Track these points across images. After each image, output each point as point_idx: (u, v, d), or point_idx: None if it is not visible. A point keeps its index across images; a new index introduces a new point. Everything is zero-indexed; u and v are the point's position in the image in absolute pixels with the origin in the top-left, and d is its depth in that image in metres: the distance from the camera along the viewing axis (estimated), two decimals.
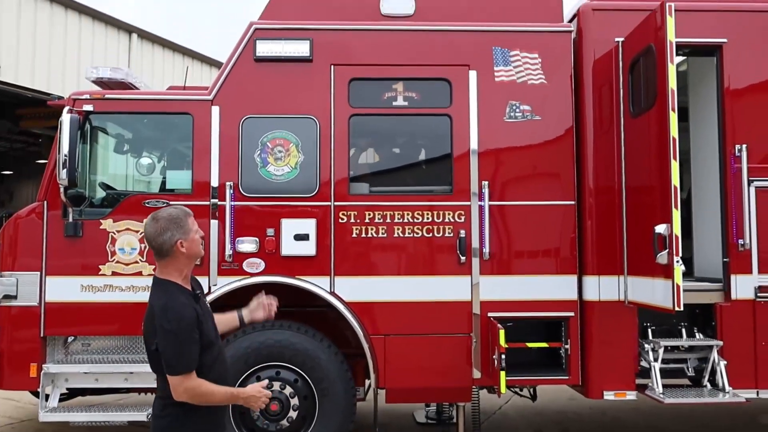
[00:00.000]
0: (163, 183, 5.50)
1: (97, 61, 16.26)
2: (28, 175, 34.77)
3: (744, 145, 5.21)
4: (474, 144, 5.25)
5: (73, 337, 5.32)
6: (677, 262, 4.37)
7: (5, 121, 21.07)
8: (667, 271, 4.44)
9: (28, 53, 14.53)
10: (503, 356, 4.64)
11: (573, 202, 5.28)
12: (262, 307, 3.46)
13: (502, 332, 4.68)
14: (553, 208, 5.28)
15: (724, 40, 5.31)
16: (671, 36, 4.45)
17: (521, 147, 5.31)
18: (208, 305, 3.20)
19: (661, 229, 4.48)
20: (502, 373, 4.61)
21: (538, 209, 5.27)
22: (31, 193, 34.92)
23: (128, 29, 17.38)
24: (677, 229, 4.38)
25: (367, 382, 5.55)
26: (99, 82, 5.51)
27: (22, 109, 18.68)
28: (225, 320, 3.40)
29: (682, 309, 4.37)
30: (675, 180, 4.40)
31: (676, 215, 4.39)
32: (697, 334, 5.33)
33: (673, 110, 4.44)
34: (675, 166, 4.41)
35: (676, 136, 4.43)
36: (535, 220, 5.27)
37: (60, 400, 5.27)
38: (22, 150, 29.87)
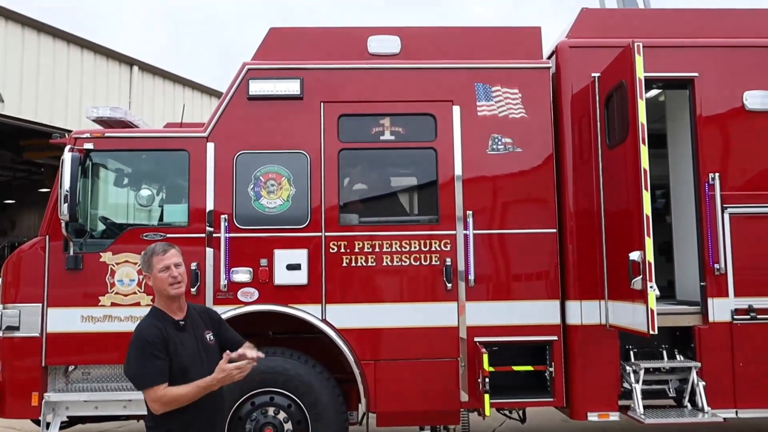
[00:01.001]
0: (161, 216, 5.69)
1: (99, 93, 16.62)
2: (29, 204, 34.94)
3: (717, 174, 5.44)
4: (458, 175, 5.46)
5: (73, 366, 5.47)
6: (651, 287, 4.56)
7: (7, 152, 21.40)
8: (641, 296, 4.64)
9: (32, 87, 14.88)
10: (487, 379, 4.83)
11: (555, 230, 5.47)
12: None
13: (485, 356, 4.87)
14: (535, 236, 5.47)
15: (696, 74, 5.56)
16: (640, 73, 4.69)
17: (504, 178, 5.52)
18: (206, 338, 3.39)
19: (635, 256, 4.68)
20: (486, 396, 4.80)
21: (521, 237, 5.47)
22: (33, 222, 35.05)
23: (129, 62, 17.76)
24: (650, 256, 4.57)
25: (359, 406, 5.69)
26: (99, 120, 5.75)
27: (24, 141, 18.99)
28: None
29: (656, 332, 4.54)
30: (647, 209, 4.61)
31: (649, 243, 4.59)
32: (677, 356, 5.50)
33: (644, 143, 4.66)
34: (646, 197, 4.62)
35: (647, 168, 4.65)
36: (518, 248, 5.46)
37: (60, 428, 5.41)
38: (24, 179, 30.14)
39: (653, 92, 6.14)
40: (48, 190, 28.21)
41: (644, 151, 4.66)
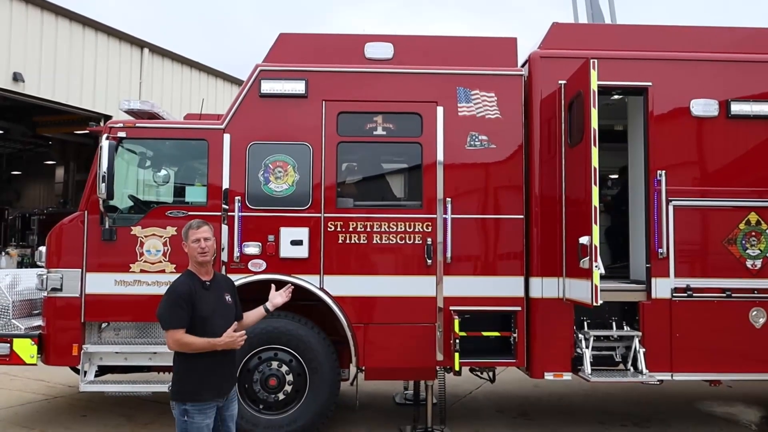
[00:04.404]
0: (183, 197, 6.53)
1: (111, 73, 17.34)
2: (35, 176, 35.70)
3: (664, 171, 6.26)
4: (440, 167, 6.28)
5: (106, 324, 6.36)
6: (596, 266, 5.40)
7: (20, 126, 22.19)
8: (588, 274, 5.50)
9: (50, 68, 15.59)
10: (457, 341, 5.75)
11: (522, 216, 6.31)
12: (279, 294, 4.54)
13: (456, 321, 5.78)
14: (505, 220, 6.32)
15: (650, 83, 6.36)
16: (594, 85, 5.50)
17: (479, 170, 6.34)
18: (225, 298, 4.21)
19: (584, 240, 5.54)
20: (456, 355, 5.73)
21: (492, 221, 6.31)
22: (38, 193, 35.88)
23: (140, 44, 18.44)
24: (596, 240, 5.42)
25: (350, 366, 6.51)
26: (130, 111, 6.58)
27: (39, 117, 19.74)
28: (254, 314, 4.44)
29: (598, 304, 5.38)
30: (595, 201, 5.44)
31: (596, 230, 5.43)
32: (625, 327, 6.38)
33: (595, 145, 5.48)
34: (595, 191, 5.45)
35: (597, 167, 5.47)
36: (489, 230, 6.31)
37: (94, 376, 6.31)
38: (30, 151, 30.92)
39: (617, 97, 6.94)
40: (54, 162, 28.94)
41: (595, 152, 5.47)
